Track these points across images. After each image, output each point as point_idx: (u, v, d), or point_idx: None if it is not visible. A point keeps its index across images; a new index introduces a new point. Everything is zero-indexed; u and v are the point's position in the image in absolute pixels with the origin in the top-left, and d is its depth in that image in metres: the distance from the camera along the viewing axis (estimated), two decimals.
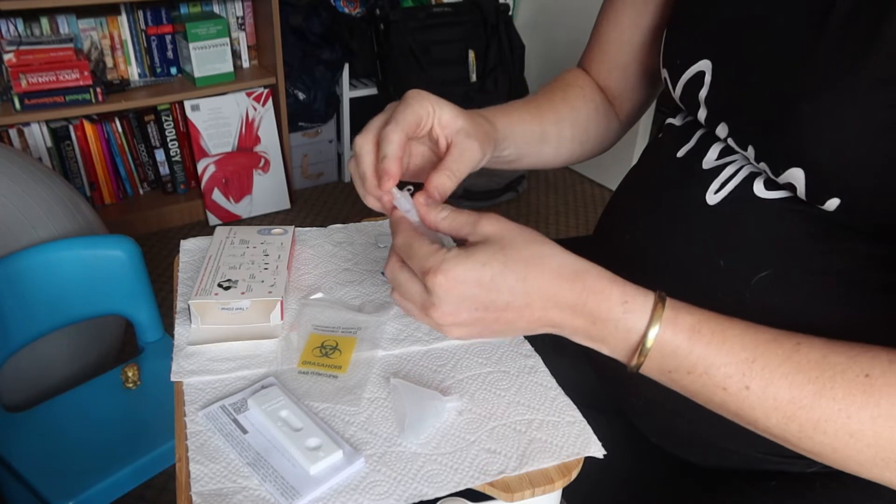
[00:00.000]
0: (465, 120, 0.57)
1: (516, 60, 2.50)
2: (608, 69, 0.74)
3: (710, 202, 0.55)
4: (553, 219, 2.44)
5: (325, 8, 2.34)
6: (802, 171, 0.48)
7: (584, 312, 0.47)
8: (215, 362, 0.58)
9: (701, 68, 0.56)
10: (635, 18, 0.69)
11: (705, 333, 0.46)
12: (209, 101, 2.19)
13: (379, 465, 0.49)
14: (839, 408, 0.42)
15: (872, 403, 0.42)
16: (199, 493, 0.46)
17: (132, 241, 1.13)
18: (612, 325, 0.47)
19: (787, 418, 0.44)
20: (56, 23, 2.02)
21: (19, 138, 2.02)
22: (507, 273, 0.47)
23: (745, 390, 0.45)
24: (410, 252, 0.49)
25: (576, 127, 0.73)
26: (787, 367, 0.44)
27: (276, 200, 2.38)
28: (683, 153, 0.59)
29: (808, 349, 0.45)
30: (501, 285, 0.47)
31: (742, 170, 0.54)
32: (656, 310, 0.46)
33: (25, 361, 1.13)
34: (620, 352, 0.48)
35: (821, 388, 0.43)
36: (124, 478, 0.97)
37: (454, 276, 0.46)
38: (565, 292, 0.47)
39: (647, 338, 0.46)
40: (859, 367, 0.43)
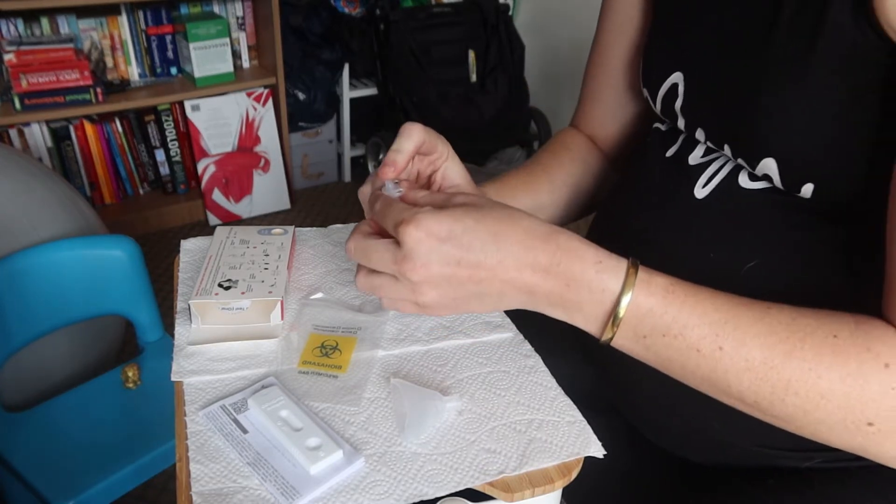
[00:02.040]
0: (465, 183, 0.60)
1: (516, 60, 2.50)
2: (602, 117, 0.77)
3: (699, 196, 0.57)
4: None
5: (325, 8, 2.35)
6: (774, 161, 0.50)
7: (558, 273, 0.47)
8: (215, 362, 0.58)
9: (674, 81, 0.59)
10: (617, 62, 0.72)
11: (679, 294, 0.47)
12: (209, 101, 2.19)
13: (379, 465, 0.49)
14: (809, 367, 0.43)
15: (840, 363, 0.43)
16: (200, 493, 0.46)
17: (132, 241, 1.13)
18: (585, 285, 0.47)
19: (760, 380, 0.45)
20: (56, 23, 2.02)
21: (19, 138, 2.03)
22: (479, 228, 0.47)
23: (718, 351, 0.45)
24: (387, 211, 0.49)
25: (570, 190, 0.76)
26: (759, 328, 0.45)
27: (276, 200, 2.39)
28: (671, 153, 0.62)
29: (777, 311, 0.46)
30: (473, 240, 0.47)
31: (726, 165, 0.56)
32: (630, 271, 0.47)
33: (25, 361, 1.13)
34: (594, 316, 0.48)
35: (791, 348, 0.44)
36: (124, 478, 0.97)
37: (426, 227, 0.46)
38: (538, 252, 0.47)
39: (622, 297, 0.46)
40: (827, 328, 0.44)
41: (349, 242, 0.51)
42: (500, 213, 0.48)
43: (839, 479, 0.54)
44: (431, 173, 0.60)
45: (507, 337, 0.63)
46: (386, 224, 0.49)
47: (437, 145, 0.58)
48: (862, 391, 0.42)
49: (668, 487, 0.63)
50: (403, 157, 0.55)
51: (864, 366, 0.42)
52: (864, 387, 0.42)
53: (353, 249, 0.51)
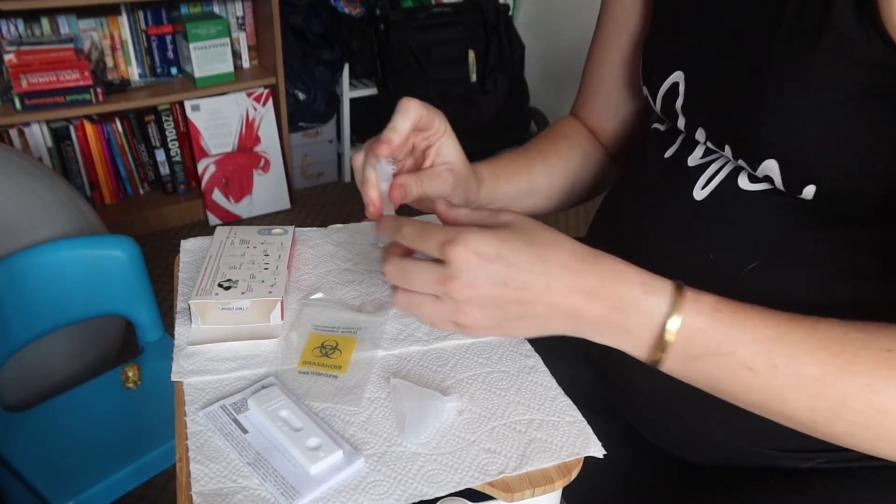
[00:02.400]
0: (459, 160, 0.61)
1: (516, 60, 2.50)
2: (601, 109, 0.77)
3: (698, 197, 0.56)
4: (552, 219, 2.44)
5: (325, 8, 2.35)
6: (776, 162, 0.49)
7: (604, 296, 0.46)
8: (215, 362, 0.58)
9: (675, 80, 0.59)
10: (618, 55, 0.72)
11: (727, 312, 0.46)
12: (209, 101, 2.19)
13: (379, 465, 0.49)
14: (864, 382, 0.42)
15: None
16: (200, 493, 0.46)
17: (132, 241, 1.13)
18: (633, 308, 0.46)
19: (816, 397, 0.43)
20: (56, 23, 2.02)
21: (20, 138, 2.03)
22: (527, 250, 0.46)
23: (772, 368, 0.44)
24: (425, 233, 0.48)
25: (566, 175, 0.75)
26: (811, 344, 0.44)
27: (276, 200, 2.38)
28: (670, 154, 0.61)
29: (826, 327, 0.44)
30: (521, 261, 0.46)
31: (727, 165, 0.56)
32: (676, 292, 0.46)
33: (25, 361, 1.13)
34: (642, 339, 0.47)
35: (845, 363, 0.43)
36: (124, 478, 0.97)
37: (475, 247, 0.45)
38: (584, 275, 0.46)
39: (669, 318, 0.45)
40: (880, 342, 0.43)
41: (386, 266, 0.50)
42: (546, 236, 0.48)
43: (839, 480, 0.54)
44: (426, 148, 0.61)
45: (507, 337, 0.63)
46: (425, 245, 0.48)
47: (433, 121, 0.59)
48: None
49: (668, 487, 0.63)
50: (399, 135, 0.55)
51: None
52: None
53: (392, 272, 0.50)
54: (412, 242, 0.49)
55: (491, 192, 0.68)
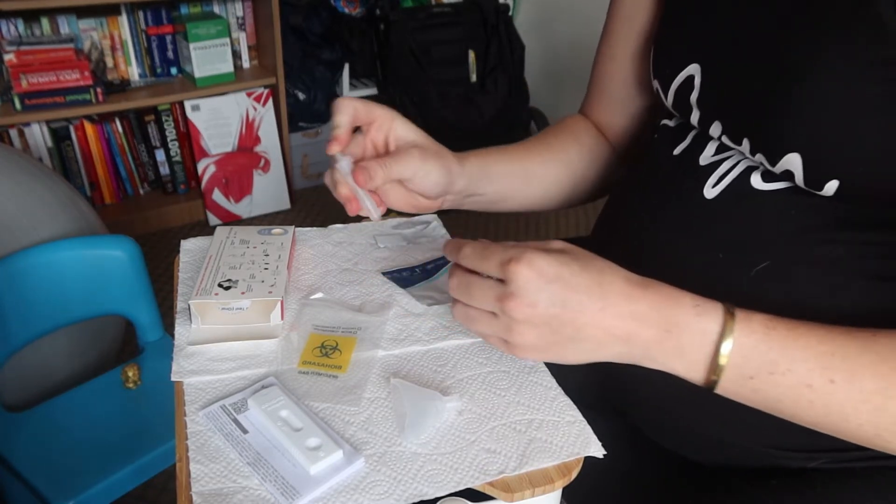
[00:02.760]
0: (421, 138, 0.64)
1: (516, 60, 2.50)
2: (609, 105, 0.76)
3: (708, 196, 0.56)
4: (553, 219, 2.44)
5: (325, 8, 2.35)
6: (799, 156, 0.48)
7: (658, 319, 0.47)
8: (215, 362, 0.58)
9: (690, 72, 0.58)
10: (628, 49, 0.71)
11: (780, 330, 0.46)
12: (209, 101, 2.19)
13: (379, 465, 0.49)
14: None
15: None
16: (200, 493, 0.46)
17: (132, 241, 1.13)
18: (687, 329, 0.47)
19: (878, 410, 0.43)
20: (56, 23, 2.02)
21: (20, 138, 2.03)
22: (585, 274, 0.48)
23: (830, 384, 0.44)
24: (486, 252, 0.49)
25: (568, 169, 0.75)
26: (868, 357, 0.44)
27: (276, 200, 2.38)
28: (679, 151, 0.60)
29: (885, 338, 0.44)
30: (580, 284, 0.47)
31: (739, 164, 0.55)
32: (727, 312, 0.47)
33: (25, 361, 1.13)
34: (696, 361, 0.47)
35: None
36: (124, 478, 0.97)
37: (538, 267, 0.47)
38: (638, 300, 0.47)
39: (723, 338, 0.46)
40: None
41: (452, 279, 0.52)
42: (600, 262, 0.49)
43: (842, 480, 0.54)
44: (384, 139, 0.63)
45: None
46: (487, 263, 0.49)
47: (373, 111, 0.62)
48: None
49: (669, 488, 0.63)
50: (342, 130, 0.60)
51: None
52: None
53: (457, 285, 0.51)
54: (474, 262, 0.50)
55: (478, 171, 0.68)
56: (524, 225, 2.40)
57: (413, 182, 0.62)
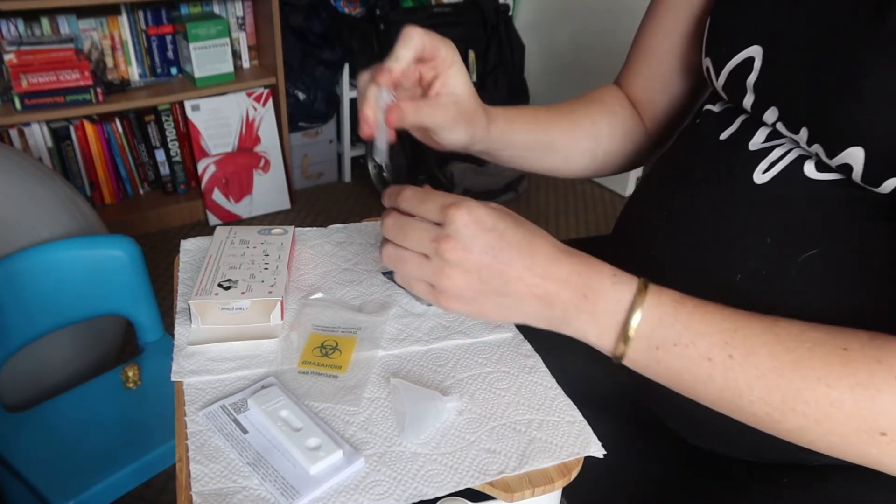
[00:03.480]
0: (466, 93, 0.61)
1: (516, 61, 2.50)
2: (644, 78, 0.74)
3: (758, 181, 0.55)
4: (553, 219, 2.44)
5: (325, 8, 2.35)
6: (862, 150, 0.47)
7: (577, 283, 0.49)
8: (215, 362, 0.58)
9: (750, 54, 0.56)
10: (673, 23, 0.69)
11: (688, 304, 0.48)
12: (209, 101, 2.19)
13: (379, 465, 0.49)
14: (818, 376, 0.43)
15: (850, 373, 0.42)
16: (200, 493, 0.46)
17: (132, 241, 1.13)
18: (602, 295, 0.48)
19: (770, 388, 0.45)
20: (56, 23, 2.02)
21: (20, 138, 2.03)
22: (519, 230, 0.49)
23: (728, 359, 0.46)
24: (427, 196, 0.50)
25: (595, 142, 0.73)
26: (767, 338, 0.45)
27: (276, 200, 2.38)
28: (727, 136, 0.59)
29: (786, 323, 0.46)
30: (512, 238, 0.49)
31: (791, 152, 0.54)
32: (641, 283, 0.48)
33: (25, 361, 1.13)
34: (607, 327, 0.49)
35: (799, 357, 0.44)
36: (124, 478, 0.97)
37: (476, 214, 0.48)
38: (562, 264, 0.49)
39: (634, 306, 0.47)
40: (837, 341, 0.44)
41: (387, 219, 0.52)
42: (532, 226, 0.51)
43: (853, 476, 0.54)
44: (433, 78, 0.60)
45: (507, 337, 0.63)
46: (427, 206, 0.50)
47: (439, 50, 0.58)
48: (873, 401, 0.42)
49: (670, 487, 0.63)
50: (400, 64, 0.56)
51: (875, 376, 0.42)
52: (875, 397, 0.42)
53: (392, 224, 0.51)
54: (413, 205, 0.51)
55: (504, 134, 0.67)
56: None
57: (435, 133, 0.62)
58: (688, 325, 0.47)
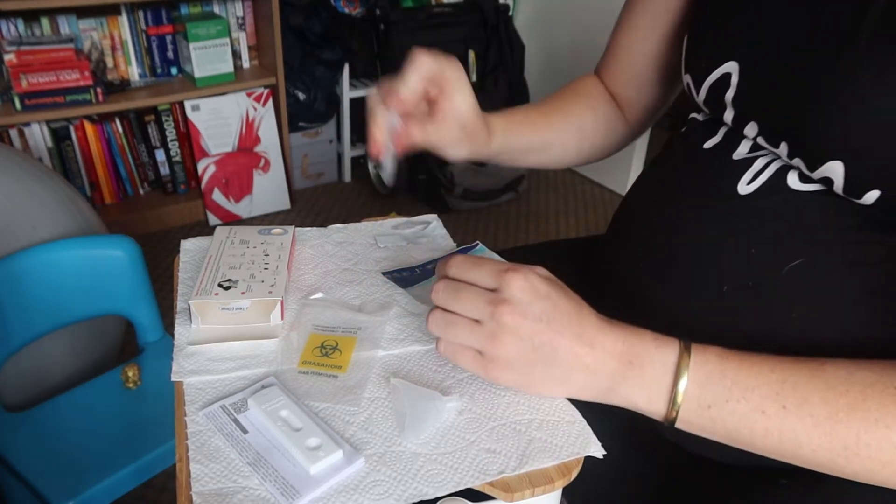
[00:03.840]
0: (470, 115, 0.61)
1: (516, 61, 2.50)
2: (622, 76, 0.75)
3: (742, 192, 0.55)
4: (553, 219, 2.44)
5: (325, 8, 2.35)
6: (842, 164, 0.48)
7: (623, 353, 0.49)
8: (215, 362, 0.58)
9: (727, 70, 0.57)
10: (652, 26, 0.70)
11: (733, 358, 0.48)
12: (209, 101, 2.19)
13: (379, 465, 0.49)
14: (875, 418, 0.43)
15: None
16: (200, 493, 0.46)
17: (132, 241, 1.13)
18: (648, 361, 0.49)
19: (829, 435, 0.44)
20: (56, 23, 2.02)
21: (19, 138, 2.03)
22: (569, 299, 0.50)
23: (782, 410, 0.46)
24: (480, 262, 0.51)
25: (580, 136, 0.75)
26: (817, 384, 0.45)
27: (276, 200, 2.39)
28: (711, 145, 0.59)
29: (833, 367, 0.46)
30: (564, 307, 0.50)
31: (774, 162, 0.54)
32: (683, 345, 0.49)
33: (25, 361, 1.13)
34: (657, 392, 0.49)
35: (853, 401, 0.44)
36: (124, 478, 0.97)
37: (532, 280, 0.49)
38: (608, 333, 0.50)
39: (680, 368, 0.48)
40: (886, 380, 0.44)
41: (437, 285, 0.52)
42: (577, 296, 0.52)
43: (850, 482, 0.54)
44: (438, 96, 0.60)
45: None
46: (478, 273, 0.50)
47: (443, 75, 0.59)
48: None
49: (670, 487, 0.63)
50: (408, 89, 0.57)
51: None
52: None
53: (443, 289, 0.52)
54: (465, 270, 0.51)
55: (503, 142, 0.68)
56: (524, 225, 2.40)
57: (440, 150, 0.63)
58: (736, 380, 0.47)
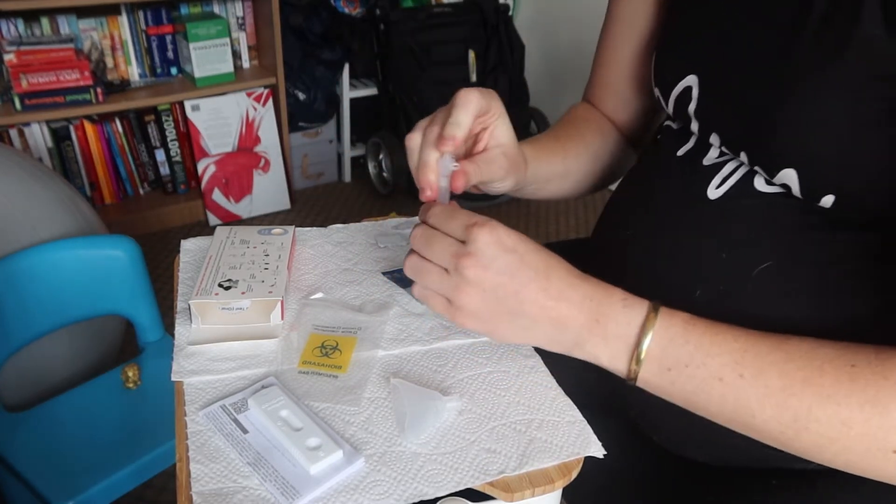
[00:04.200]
0: (511, 142, 0.62)
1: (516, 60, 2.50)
2: (613, 102, 0.76)
3: (712, 196, 0.56)
4: (553, 219, 2.44)
5: (325, 8, 2.35)
6: (795, 172, 0.49)
7: (590, 308, 0.50)
8: (215, 362, 0.58)
9: (688, 83, 0.58)
10: (631, 51, 0.71)
11: (699, 325, 0.48)
12: (209, 101, 2.19)
13: (379, 465, 0.49)
14: (828, 394, 0.44)
15: (859, 389, 0.43)
16: (200, 493, 0.46)
17: (132, 241, 1.13)
18: (613, 319, 0.50)
19: (781, 406, 0.45)
20: (56, 23, 2.02)
21: (19, 138, 2.03)
22: (538, 254, 0.51)
23: (739, 378, 0.46)
24: (454, 213, 0.52)
25: (596, 162, 0.76)
26: (777, 356, 0.46)
27: (276, 200, 2.38)
28: (683, 152, 0.61)
29: (797, 341, 0.46)
30: (531, 260, 0.50)
31: (741, 167, 0.55)
32: (651, 306, 0.49)
33: (25, 361, 1.13)
34: (619, 350, 0.50)
35: (809, 375, 0.44)
36: (124, 478, 0.97)
37: (498, 234, 0.49)
38: (577, 286, 0.50)
39: (645, 328, 0.49)
40: (846, 357, 0.44)
41: (416, 229, 0.53)
42: (549, 252, 0.52)
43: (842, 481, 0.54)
44: (480, 130, 0.61)
45: None
46: (453, 223, 0.51)
47: (490, 106, 0.59)
48: (882, 418, 0.42)
49: (669, 487, 0.63)
50: (462, 130, 0.56)
51: (881, 393, 0.42)
52: (883, 414, 0.42)
53: (420, 235, 0.53)
54: (441, 221, 0.52)
55: (533, 171, 0.69)
56: (524, 226, 2.40)
57: (486, 185, 0.63)
58: (699, 346, 0.48)
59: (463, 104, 0.56)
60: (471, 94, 0.57)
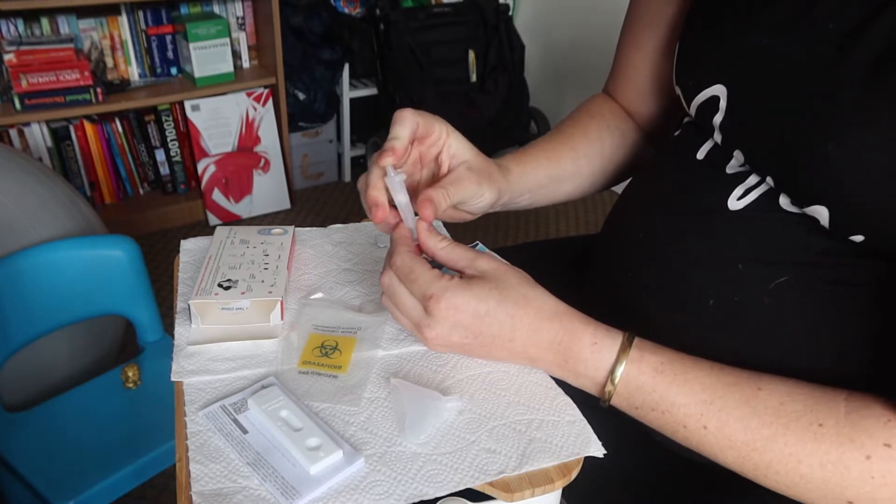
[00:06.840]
0: (473, 155, 0.62)
1: (516, 60, 2.50)
2: (634, 95, 0.75)
3: (732, 207, 0.54)
4: (553, 218, 2.44)
5: (325, 8, 2.35)
6: (826, 210, 0.47)
7: (559, 350, 0.53)
8: (215, 362, 0.58)
9: (715, 93, 0.55)
10: (656, 42, 0.69)
11: (668, 374, 0.50)
12: (209, 101, 2.19)
13: (379, 465, 0.49)
14: (790, 452, 0.46)
15: (822, 451, 0.44)
16: (199, 493, 0.46)
17: (132, 241, 1.13)
18: (581, 363, 0.53)
19: (742, 457, 0.48)
20: (56, 23, 2.02)
21: (19, 138, 2.03)
22: (500, 310, 0.52)
23: (702, 430, 0.49)
24: (412, 276, 0.53)
25: (599, 160, 0.74)
26: (744, 411, 0.47)
27: (276, 200, 2.38)
28: (703, 155, 0.58)
29: (767, 395, 0.47)
30: (493, 320, 0.52)
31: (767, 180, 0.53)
32: (623, 350, 0.51)
33: (25, 361, 1.13)
34: (590, 388, 0.54)
35: (774, 433, 0.46)
36: (124, 478, 0.97)
37: (455, 304, 0.51)
38: (544, 332, 0.53)
39: (613, 374, 0.51)
40: (814, 416, 0.46)
41: (384, 276, 0.55)
42: (518, 293, 0.53)
43: None
44: (437, 155, 0.61)
45: None
46: (412, 288, 0.53)
47: (432, 126, 0.59)
48: (842, 477, 0.44)
49: (669, 487, 0.63)
50: (401, 143, 0.57)
51: (845, 455, 0.44)
52: (843, 473, 0.44)
53: (387, 286, 0.55)
54: (403, 276, 0.54)
55: (520, 181, 0.68)
56: (524, 225, 2.40)
57: (466, 205, 0.62)
58: (664, 396, 0.50)
59: (398, 120, 0.57)
60: (405, 112, 0.58)
